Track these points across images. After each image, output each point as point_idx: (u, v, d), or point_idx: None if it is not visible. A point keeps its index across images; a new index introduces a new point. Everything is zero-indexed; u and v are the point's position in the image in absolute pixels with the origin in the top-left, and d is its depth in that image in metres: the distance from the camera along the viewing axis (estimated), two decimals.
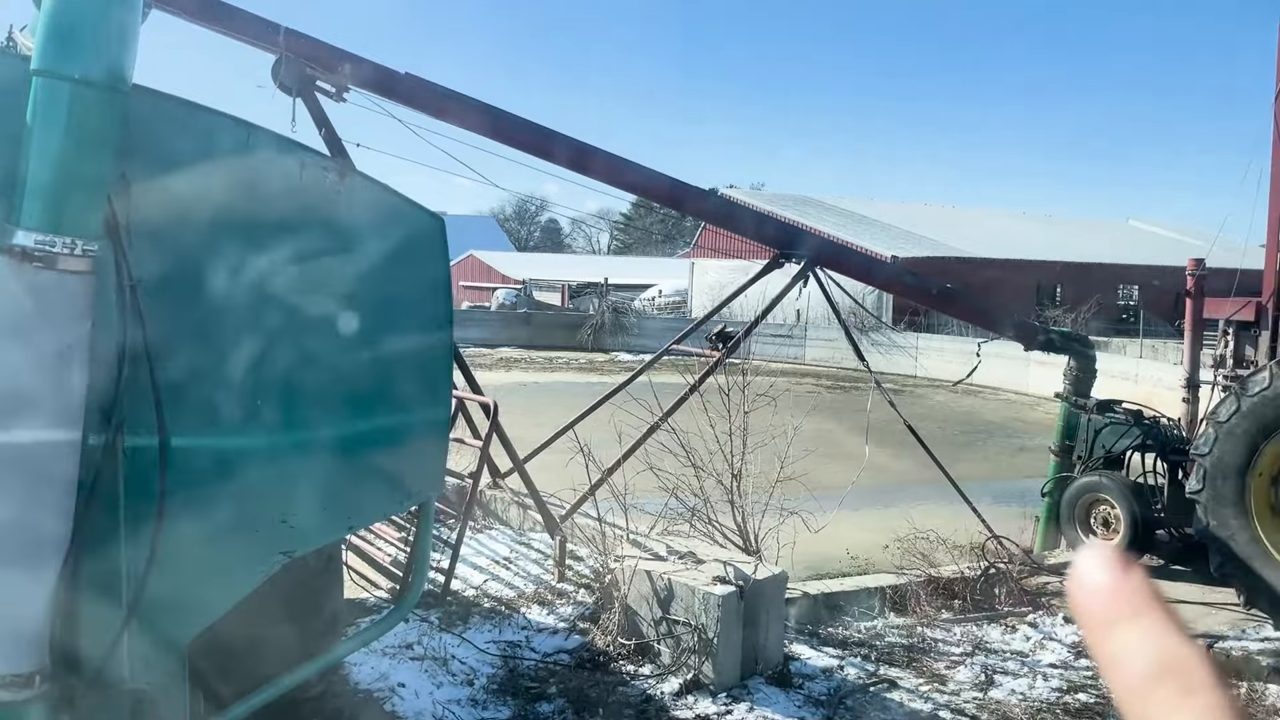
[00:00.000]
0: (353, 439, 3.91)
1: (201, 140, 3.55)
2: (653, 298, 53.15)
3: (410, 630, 7.61)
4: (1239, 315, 10.27)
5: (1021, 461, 17.59)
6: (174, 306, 3.45)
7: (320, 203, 3.71)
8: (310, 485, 3.78)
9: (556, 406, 15.17)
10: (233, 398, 3.53)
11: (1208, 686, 0.58)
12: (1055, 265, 44.33)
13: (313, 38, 8.76)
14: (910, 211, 51.97)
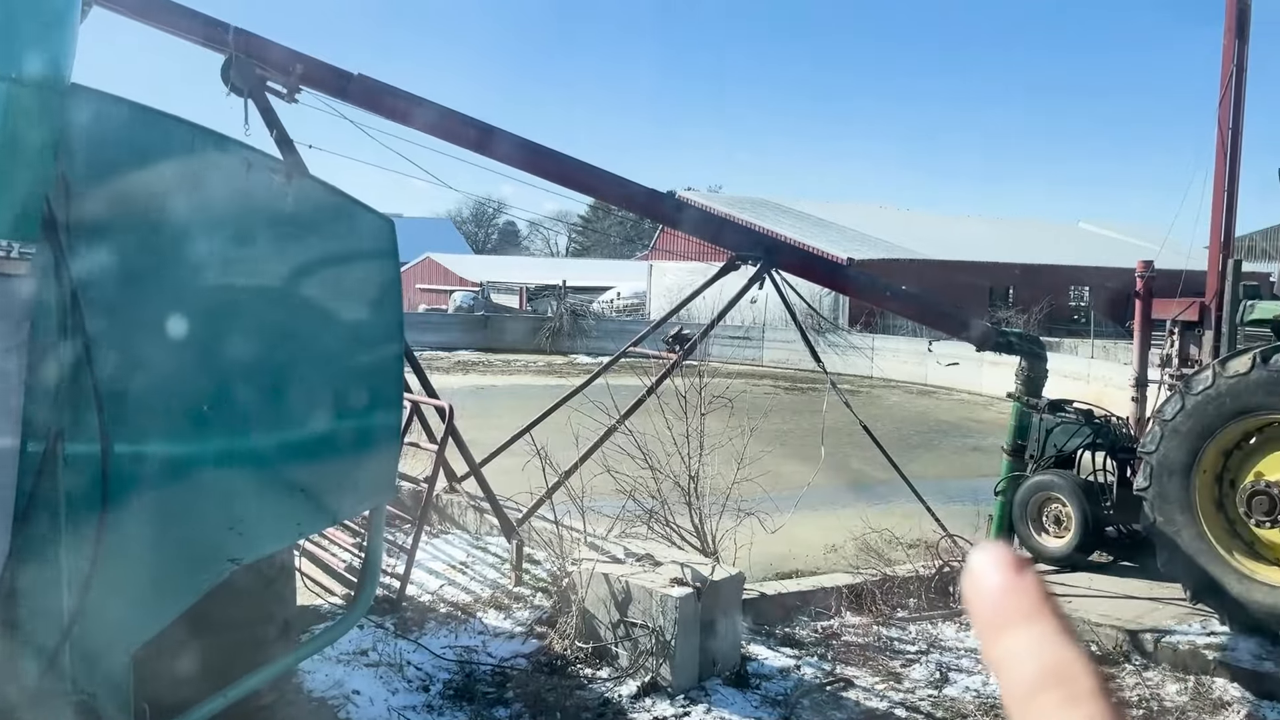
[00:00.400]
0: (301, 444, 3.86)
1: (144, 141, 3.48)
2: (611, 300, 53.17)
3: (365, 636, 7.53)
4: (1184, 315, 10.48)
5: (975, 461, 17.81)
6: (116, 310, 3.38)
7: (267, 205, 3.66)
8: (258, 491, 3.73)
9: (514, 410, 15.10)
10: (177, 403, 3.47)
11: (1093, 695, 0.58)
12: (1007, 267, 44.96)
13: (263, 37, 8.64)
14: (866, 214, 52.46)
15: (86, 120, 3.27)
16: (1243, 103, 10.50)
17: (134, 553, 3.45)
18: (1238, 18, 10.35)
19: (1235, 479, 8.30)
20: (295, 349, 3.79)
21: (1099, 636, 8.25)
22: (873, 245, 43.61)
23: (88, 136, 3.28)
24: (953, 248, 45.46)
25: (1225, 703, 7.15)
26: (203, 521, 3.61)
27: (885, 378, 31.64)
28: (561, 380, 26.29)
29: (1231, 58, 10.32)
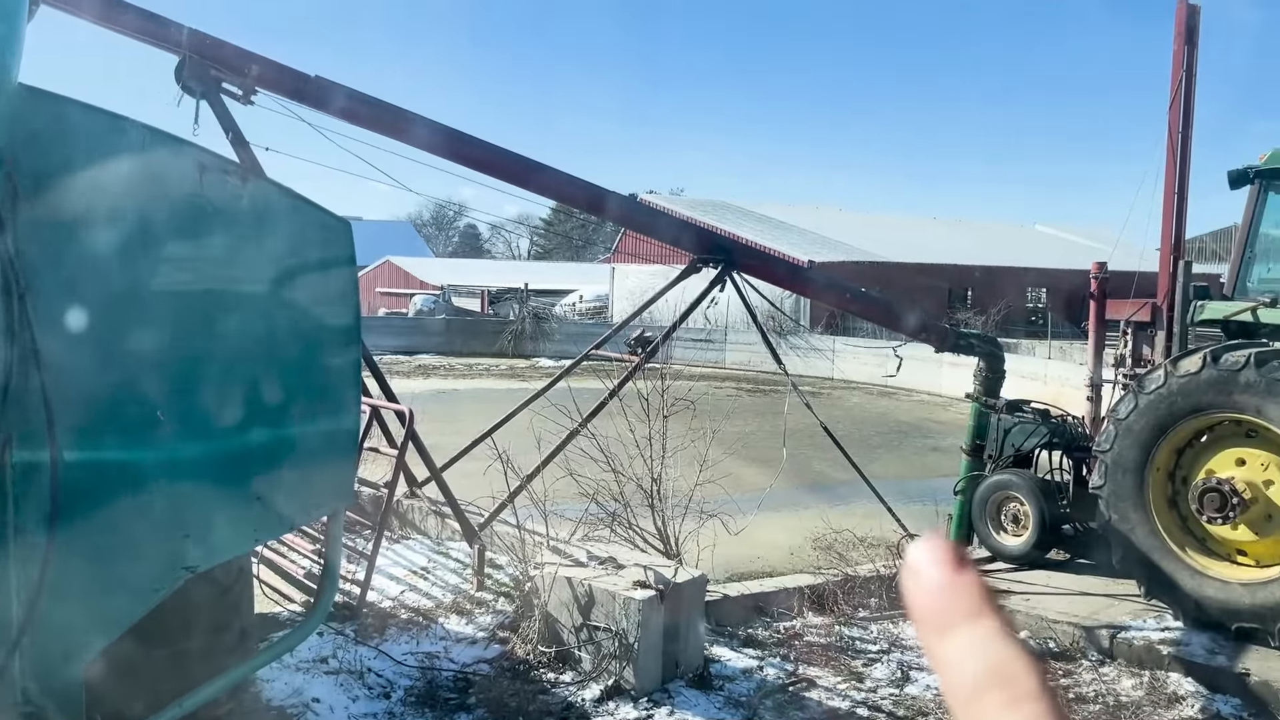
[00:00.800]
0: (257, 449, 3.81)
1: (95, 142, 3.42)
2: (574, 303, 53.09)
3: (325, 643, 7.45)
4: (1137, 316, 10.66)
5: (934, 461, 17.98)
6: (65, 314, 3.32)
7: (221, 207, 3.61)
8: (213, 498, 3.67)
9: (476, 413, 15.02)
10: (129, 408, 3.40)
11: (1034, 696, 0.58)
12: (966, 269, 45.49)
13: (217, 38, 8.54)
14: (826, 216, 52.81)
15: (34, 121, 3.21)
16: (1192, 107, 10.70)
17: (85, 561, 3.39)
18: (1187, 24, 10.55)
19: (1187, 476, 8.45)
20: (250, 353, 3.74)
21: (1056, 634, 8.36)
22: (833, 248, 43.92)
23: (36, 138, 3.22)
24: (912, 250, 45.91)
25: (1180, 697, 7.27)
26: (156, 529, 3.54)
27: (846, 379, 31.88)
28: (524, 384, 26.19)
29: (1181, 63, 10.51)
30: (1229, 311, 8.79)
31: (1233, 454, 8.19)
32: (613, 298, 49.54)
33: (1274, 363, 7.77)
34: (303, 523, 6.27)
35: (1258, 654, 7.71)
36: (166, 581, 3.58)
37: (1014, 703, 0.58)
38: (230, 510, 3.79)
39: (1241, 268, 9.04)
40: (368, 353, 10.07)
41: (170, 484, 3.56)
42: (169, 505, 3.57)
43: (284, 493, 4.01)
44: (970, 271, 45.60)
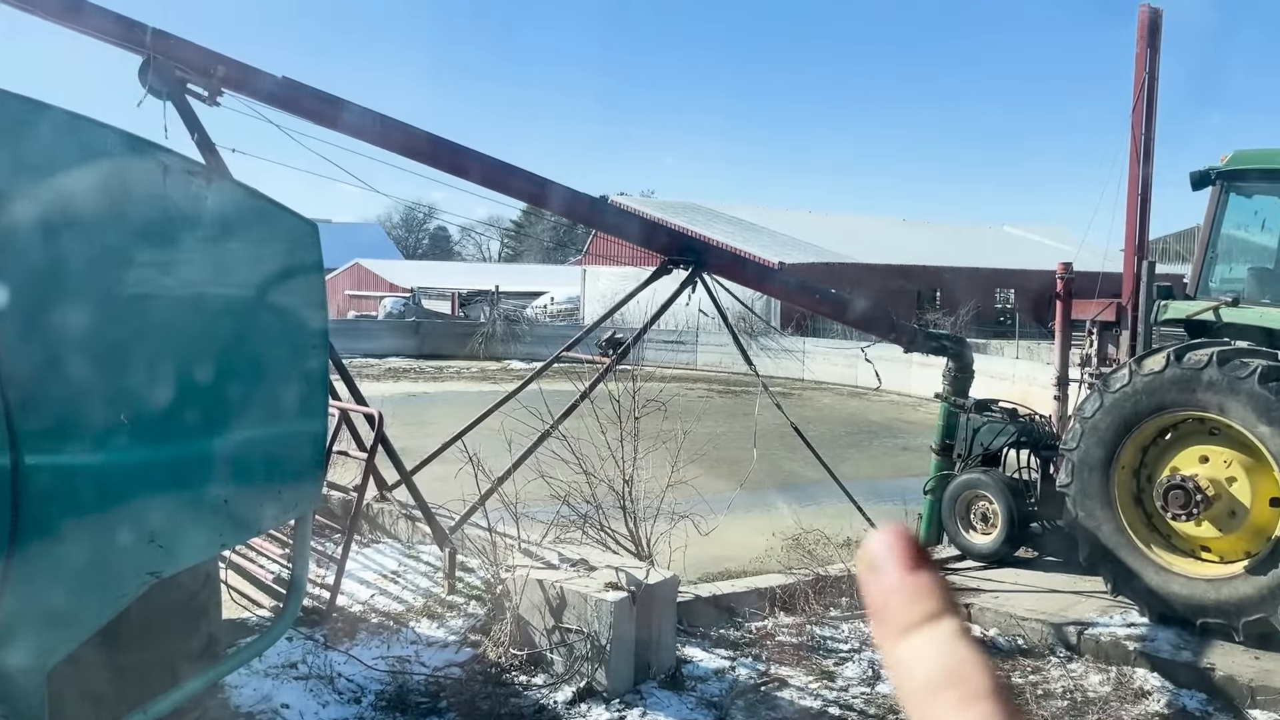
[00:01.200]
0: (223, 453, 3.77)
1: (57, 144, 3.37)
2: (545, 305, 52.98)
3: (294, 649, 7.38)
4: (1102, 316, 10.79)
5: (904, 460, 18.11)
6: (28, 317, 3.27)
7: (186, 208, 3.56)
8: (179, 502, 3.63)
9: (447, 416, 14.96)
10: (93, 411, 3.36)
11: (987, 694, 0.59)
12: (935, 270, 45.85)
13: (182, 39, 8.44)
14: (796, 218, 53.05)
15: None
16: (1155, 109, 10.86)
17: (48, 566, 3.34)
18: (1149, 28, 10.69)
19: (1152, 474, 8.56)
20: (216, 355, 3.69)
21: (1025, 630, 8.43)
22: (803, 249, 44.13)
23: None
24: (882, 251, 46.23)
25: (1146, 692, 7.36)
26: (121, 534, 3.50)
27: (817, 380, 32.02)
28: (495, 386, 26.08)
29: (1144, 66, 10.66)
30: (1192, 311, 8.91)
31: (1196, 451, 8.30)
32: (584, 300, 49.50)
33: (1235, 361, 7.89)
34: (270, 527, 6.21)
35: (1222, 649, 7.82)
36: (131, 587, 3.54)
37: (966, 702, 0.59)
38: (196, 515, 3.74)
39: (1204, 268, 9.16)
40: (336, 355, 9.99)
41: (135, 489, 3.52)
42: (133, 510, 3.52)
43: (251, 497, 3.97)
44: (939, 272, 45.98)
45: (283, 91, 8.77)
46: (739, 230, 46.39)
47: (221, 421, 3.76)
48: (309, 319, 4.12)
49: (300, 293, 4.10)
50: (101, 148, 3.36)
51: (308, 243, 4.04)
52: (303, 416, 4.09)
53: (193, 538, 3.79)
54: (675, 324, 32.34)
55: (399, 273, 61.18)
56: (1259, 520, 7.95)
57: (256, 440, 3.91)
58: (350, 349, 34.59)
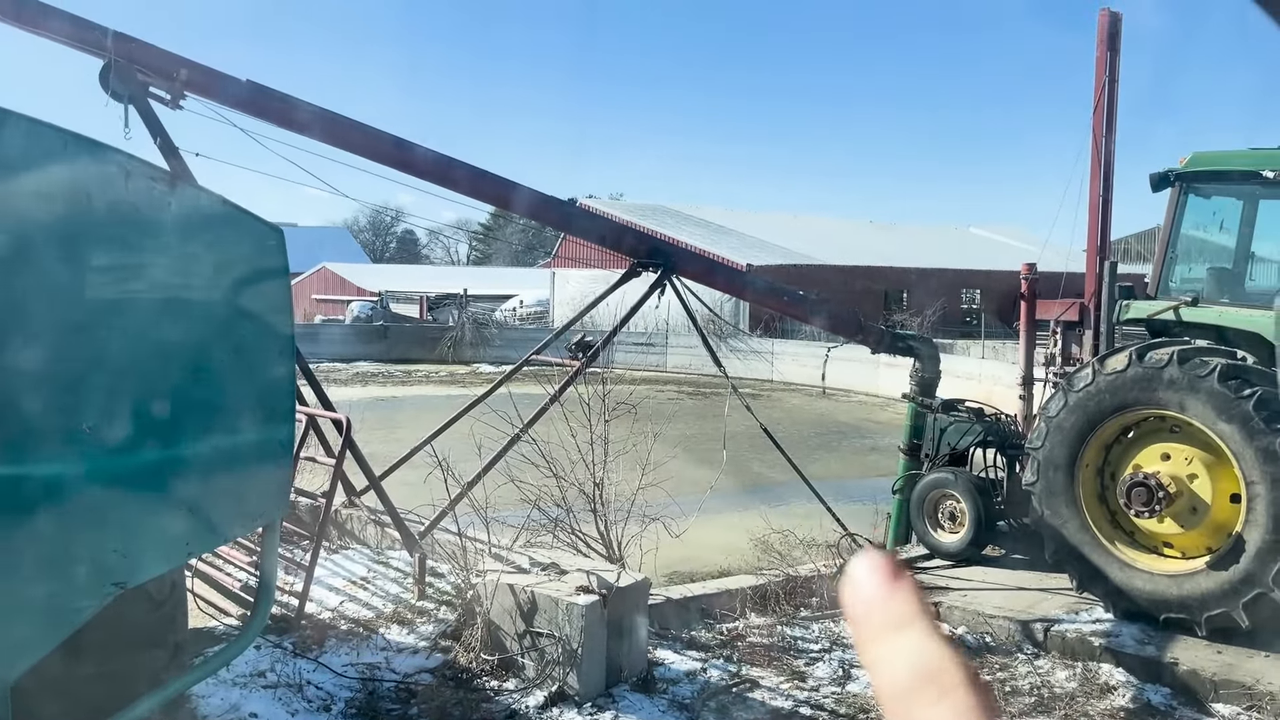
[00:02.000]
0: (188, 460, 3.72)
1: (12, 148, 3.32)
2: (514, 308, 52.85)
3: (262, 657, 7.32)
4: (1066, 316, 10.93)
5: (873, 460, 18.23)
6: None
7: (148, 213, 3.52)
8: (143, 511, 3.58)
9: (415, 421, 14.88)
10: (55, 420, 3.31)
11: (960, 687, 0.62)
12: (902, 271, 46.20)
13: (144, 42, 8.35)
14: (765, 220, 53.25)
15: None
16: (1115, 112, 11.02)
17: (10, 577, 3.29)
18: (1109, 31, 10.85)
19: (1115, 472, 8.67)
20: (180, 362, 3.65)
21: (993, 628, 8.52)
22: (771, 251, 44.31)
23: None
24: (849, 253, 46.53)
25: (1111, 687, 7.46)
26: (84, 543, 3.45)
27: (786, 381, 32.17)
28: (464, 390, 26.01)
29: (1104, 69, 10.81)
30: (1152, 311, 9.04)
31: (1158, 449, 8.42)
32: (553, 302, 49.42)
33: (1195, 360, 8.01)
34: (237, 535, 6.15)
35: (1185, 643, 7.94)
36: (95, 598, 3.49)
37: (941, 694, 0.61)
38: (161, 523, 3.70)
39: (1164, 268, 9.30)
40: (303, 361, 9.91)
41: (97, 498, 3.47)
42: (96, 519, 3.48)
43: (217, 504, 3.93)
44: (906, 273, 46.33)
45: (247, 95, 8.70)
46: (708, 232, 46.51)
47: (186, 429, 3.72)
48: (274, 325, 4.08)
49: (265, 298, 4.06)
50: (60, 152, 3.31)
51: (272, 248, 4.00)
52: (269, 423, 4.05)
53: (158, 547, 3.74)
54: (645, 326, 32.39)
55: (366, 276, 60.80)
56: (1219, 516, 8.08)
57: (222, 447, 3.87)
58: (317, 354, 34.35)
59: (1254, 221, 9.18)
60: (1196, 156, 9.09)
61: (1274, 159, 8.54)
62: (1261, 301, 8.71)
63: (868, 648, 0.65)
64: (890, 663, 0.64)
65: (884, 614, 0.65)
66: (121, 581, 3.50)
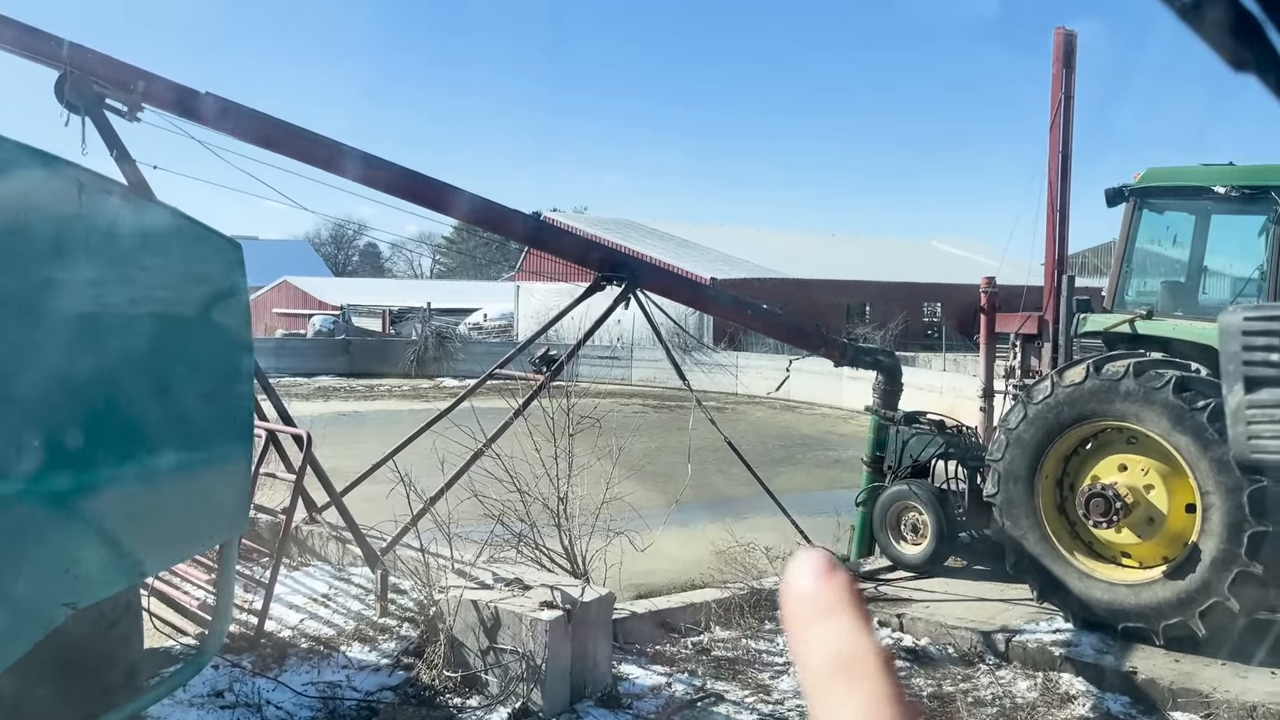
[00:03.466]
0: (142, 477, 3.66)
1: None
2: (478, 322, 52.66)
3: (220, 677, 7.20)
4: (1025, 329, 11.06)
5: (837, 473, 18.33)
6: None
7: (102, 228, 3.47)
8: (96, 530, 3.51)
9: (378, 436, 14.75)
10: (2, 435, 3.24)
11: (875, 676, 0.63)
12: (865, 284, 46.62)
13: (100, 53, 8.25)
14: (729, 234, 53.51)
15: None
16: (1072, 128, 11.20)
17: None
18: (1065, 49, 11.04)
19: (1074, 483, 8.78)
20: (135, 378, 3.59)
21: (955, 639, 8.57)
22: (735, 265, 44.52)
23: None
24: (813, 266, 46.86)
25: (1072, 696, 7.53)
26: (33, 564, 3.37)
27: (750, 394, 32.25)
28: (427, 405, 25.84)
29: (1060, 85, 10.99)
30: (1109, 324, 9.17)
31: (1115, 460, 8.54)
32: (518, 316, 49.31)
33: (1151, 372, 8.14)
34: (194, 553, 6.06)
35: (1143, 652, 8.03)
36: (45, 619, 3.42)
37: (857, 682, 0.63)
38: (114, 542, 3.63)
39: (1119, 282, 9.44)
40: (263, 375, 9.80)
41: (47, 516, 3.40)
42: (46, 539, 3.40)
43: (172, 522, 3.86)
44: (868, 287, 46.74)
45: (205, 108, 8.61)
46: (672, 246, 46.65)
47: (141, 446, 3.66)
48: (232, 340, 4.03)
49: (223, 313, 4.01)
50: (10, 165, 3.25)
51: (231, 262, 3.96)
52: (226, 439, 4.00)
53: (111, 566, 3.66)
54: (610, 340, 32.40)
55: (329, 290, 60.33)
56: (1175, 526, 8.20)
57: (178, 464, 3.81)
58: (278, 368, 34.00)
59: (1206, 236, 9.36)
60: (1150, 172, 9.25)
61: (1225, 175, 8.72)
62: (1213, 314, 8.87)
63: (796, 639, 0.66)
64: (814, 650, 0.65)
65: (814, 606, 0.66)
66: (73, 602, 3.43)
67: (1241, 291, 8.89)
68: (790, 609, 0.67)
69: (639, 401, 30.00)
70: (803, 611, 0.66)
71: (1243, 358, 7.66)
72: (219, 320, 4.00)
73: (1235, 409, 7.70)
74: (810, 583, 0.67)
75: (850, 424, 24.88)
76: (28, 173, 3.27)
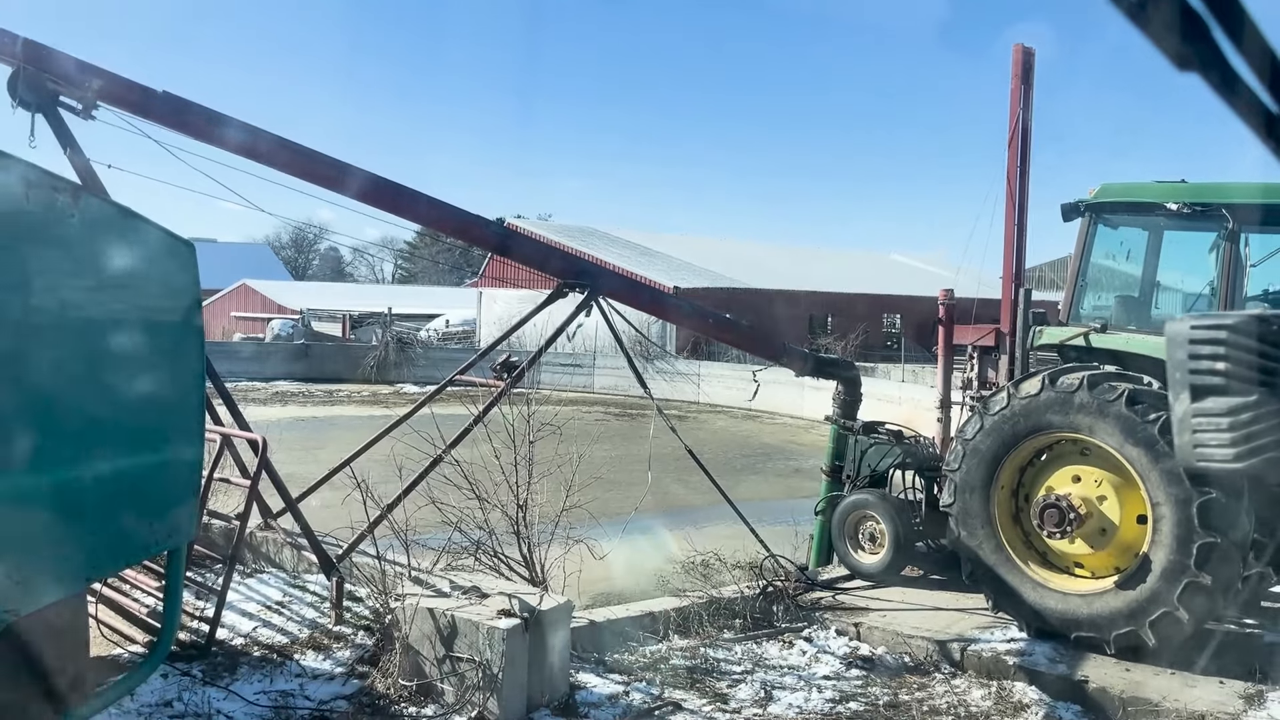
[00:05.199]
0: (87, 481, 3.58)
1: None
2: (439, 328, 52.36)
3: (169, 686, 7.06)
4: (982, 341, 11.19)
5: (796, 482, 18.41)
6: None
7: (49, 226, 3.39)
8: (38, 534, 3.43)
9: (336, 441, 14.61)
10: None
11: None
12: (826, 296, 46.96)
13: (55, 49, 8.09)
14: (691, 244, 53.72)
15: None
16: (1029, 143, 11.36)
17: None
18: (1023, 66, 11.20)
19: (1029, 494, 8.87)
20: (80, 379, 3.51)
21: (911, 648, 8.62)
22: (698, 274, 44.66)
23: None
24: (775, 277, 47.13)
25: (1025, 705, 7.59)
26: None
27: (711, 403, 32.35)
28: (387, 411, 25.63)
29: (1018, 101, 11.15)
30: (1064, 336, 9.29)
31: (1069, 471, 8.64)
32: (480, 322, 49.10)
33: (1104, 385, 8.25)
34: (140, 559, 5.94)
35: (1095, 661, 8.13)
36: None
37: None
38: (58, 547, 3.54)
39: (1075, 296, 9.57)
40: (217, 379, 9.66)
41: None
42: None
43: (119, 528, 3.78)
44: (830, 298, 47.09)
45: (162, 107, 8.48)
46: (635, 254, 46.72)
47: (86, 450, 3.57)
48: (183, 342, 3.95)
49: (174, 313, 3.93)
50: None
51: (183, 263, 3.89)
52: (176, 443, 3.92)
53: (54, 572, 3.58)
54: (572, 348, 32.33)
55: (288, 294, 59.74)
56: (1127, 537, 8.31)
57: (125, 469, 3.73)
58: (235, 372, 33.59)
59: (1159, 251, 9.52)
60: (1105, 188, 9.39)
61: (1177, 191, 8.88)
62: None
63: None
64: None
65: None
66: (14, 609, 3.34)
67: (1192, 307, 9.05)
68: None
69: (601, 409, 29.96)
70: None
71: (1189, 366, 7.77)
72: (169, 320, 3.93)
73: (1181, 417, 7.80)
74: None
75: (811, 433, 25.02)
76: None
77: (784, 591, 9.64)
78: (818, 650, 8.68)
